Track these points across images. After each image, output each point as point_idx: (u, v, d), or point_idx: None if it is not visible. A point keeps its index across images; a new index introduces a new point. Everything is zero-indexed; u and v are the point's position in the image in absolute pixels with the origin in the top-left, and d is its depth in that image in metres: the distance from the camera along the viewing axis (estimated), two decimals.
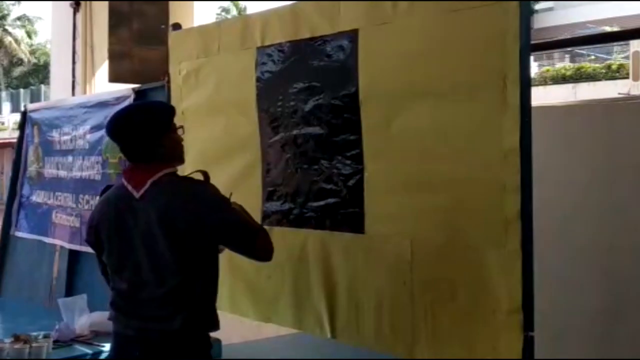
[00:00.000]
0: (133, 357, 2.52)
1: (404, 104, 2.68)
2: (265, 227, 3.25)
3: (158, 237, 2.47)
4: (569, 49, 21.30)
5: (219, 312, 3.59)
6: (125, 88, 5.00)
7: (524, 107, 2.34)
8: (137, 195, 2.51)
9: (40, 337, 4.04)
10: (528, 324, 2.36)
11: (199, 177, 2.64)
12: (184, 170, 3.46)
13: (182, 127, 2.70)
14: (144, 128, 2.54)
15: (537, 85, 19.72)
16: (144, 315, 2.54)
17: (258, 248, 2.62)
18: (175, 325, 2.50)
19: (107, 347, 4.05)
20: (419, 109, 2.63)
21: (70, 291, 5.17)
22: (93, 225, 2.68)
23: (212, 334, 3.80)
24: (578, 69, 22.02)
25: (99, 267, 2.83)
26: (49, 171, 5.65)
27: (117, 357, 2.63)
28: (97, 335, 4.26)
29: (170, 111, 2.67)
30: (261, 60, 3.30)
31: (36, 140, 5.94)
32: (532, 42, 2.60)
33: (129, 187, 2.54)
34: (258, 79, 3.32)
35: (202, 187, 2.57)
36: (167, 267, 2.50)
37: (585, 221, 3.26)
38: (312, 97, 3.06)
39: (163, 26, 7.27)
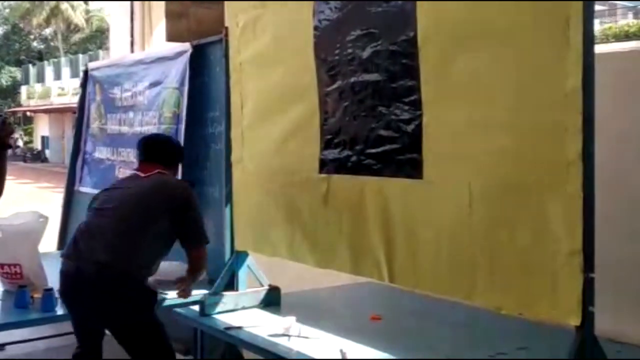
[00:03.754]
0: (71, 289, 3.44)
1: (463, 46, 2.65)
2: (323, 175, 3.32)
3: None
4: (632, 4, 20.56)
5: (279, 258, 3.70)
6: (183, 44, 5.05)
7: (586, 47, 2.30)
8: (143, 175, 3.64)
9: None
10: (589, 266, 2.35)
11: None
12: (242, 123, 3.90)
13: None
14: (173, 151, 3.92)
15: (598, 42, 19.12)
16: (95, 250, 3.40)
17: (196, 254, 3.59)
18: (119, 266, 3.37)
19: (169, 294, 4.20)
20: (478, 51, 2.60)
21: None
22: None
23: (271, 283, 3.93)
24: None
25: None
26: (112, 127, 5.80)
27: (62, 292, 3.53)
28: (159, 284, 4.40)
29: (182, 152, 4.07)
30: (318, 9, 3.31)
31: (98, 98, 6.08)
32: None
33: (140, 174, 3.66)
34: (315, 28, 3.33)
35: (184, 186, 3.74)
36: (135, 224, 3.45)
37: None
38: (370, 44, 3.05)
39: None
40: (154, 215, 3.45)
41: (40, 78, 40.10)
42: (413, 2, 2.82)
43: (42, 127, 41.72)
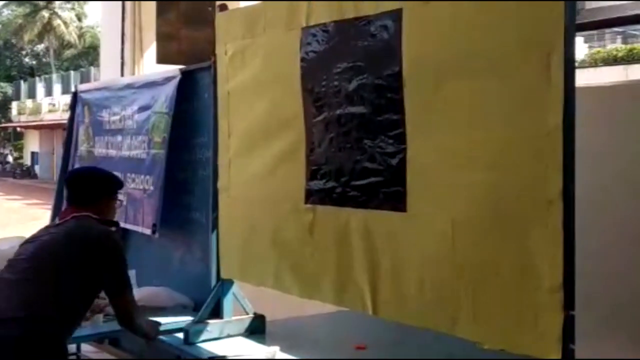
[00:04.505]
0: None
1: (447, 82, 2.69)
2: (308, 205, 3.33)
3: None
4: (620, 29, 20.79)
5: (263, 288, 3.69)
6: (172, 68, 5.07)
7: (567, 85, 2.34)
8: (59, 222, 3.19)
9: None
10: (569, 303, 2.37)
11: None
12: (229, 151, 3.81)
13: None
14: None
15: (587, 67, 19.28)
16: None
17: (122, 301, 3.12)
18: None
19: (155, 320, 4.18)
20: (461, 88, 2.64)
21: None
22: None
23: (257, 310, 3.92)
24: (630, 50, 21.45)
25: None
26: (99, 151, 5.79)
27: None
28: (145, 310, 4.39)
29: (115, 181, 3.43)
30: (306, 41, 3.34)
31: (87, 120, 6.08)
32: (581, 22, 2.57)
33: (57, 221, 3.25)
34: (303, 59, 3.36)
35: (99, 234, 3.11)
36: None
37: (625, 203, 3.23)
38: (356, 77, 3.08)
39: (210, 8, 7.33)
40: (67, 268, 2.97)
41: (32, 94, 40.03)
42: (398, 37, 2.86)
43: (32, 143, 41.60)
